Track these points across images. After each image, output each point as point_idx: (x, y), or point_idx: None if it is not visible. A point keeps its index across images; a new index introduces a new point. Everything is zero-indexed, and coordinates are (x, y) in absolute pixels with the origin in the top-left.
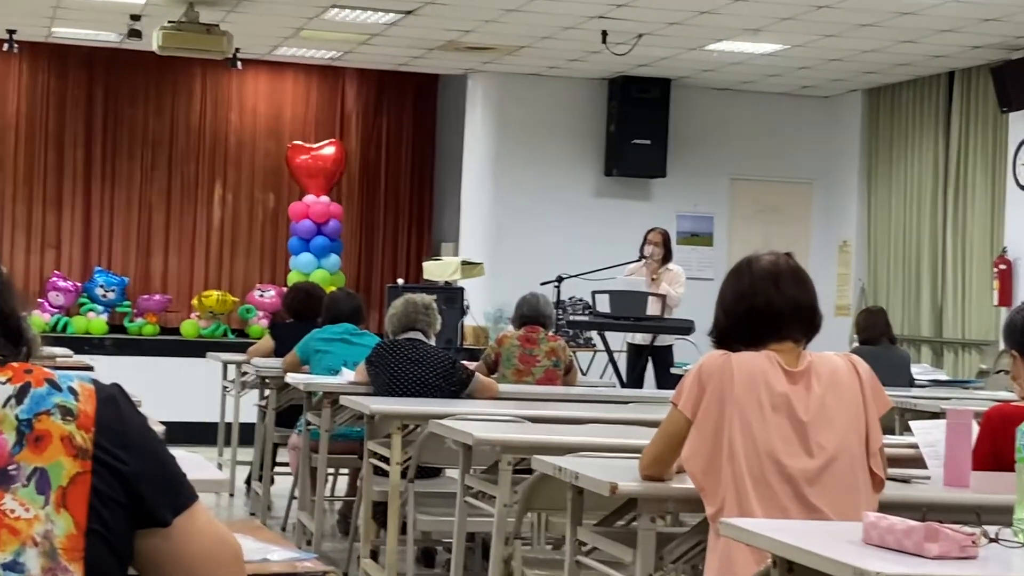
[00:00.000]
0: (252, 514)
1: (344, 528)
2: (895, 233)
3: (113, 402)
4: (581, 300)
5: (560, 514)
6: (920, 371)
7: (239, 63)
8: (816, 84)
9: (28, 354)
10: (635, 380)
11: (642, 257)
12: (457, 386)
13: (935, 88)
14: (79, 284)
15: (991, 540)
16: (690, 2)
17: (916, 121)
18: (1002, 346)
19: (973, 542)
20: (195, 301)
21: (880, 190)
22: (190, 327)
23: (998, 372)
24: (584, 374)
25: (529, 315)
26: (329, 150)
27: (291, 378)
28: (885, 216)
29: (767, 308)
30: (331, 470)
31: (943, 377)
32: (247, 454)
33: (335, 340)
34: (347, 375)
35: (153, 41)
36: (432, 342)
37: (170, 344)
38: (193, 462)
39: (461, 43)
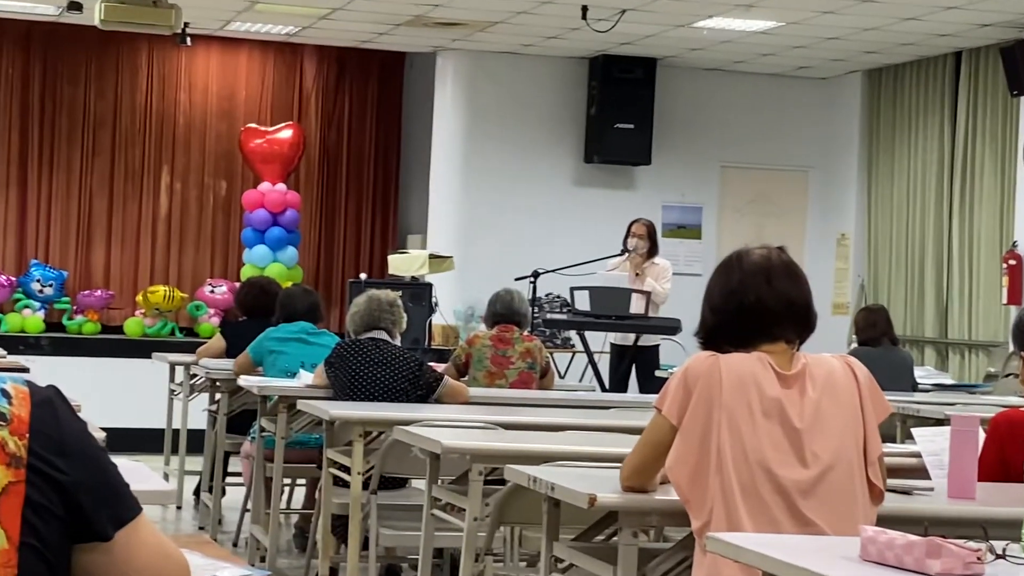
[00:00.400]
0: (201, 528)
1: (301, 543)
2: (897, 226)
3: (49, 406)
4: (559, 297)
5: (535, 528)
6: (923, 374)
7: (188, 39)
8: (813, 65)
9: None
10: (617, 383)
11: (625, 251)
12: (424, 390)
13: (940, 69)
14: (13, 278)
15: (998, 556)
16: None
17: (920, 105)
18: (1011, 348)
19: (978, 558)
20: (140, 297)
21: (881, 179)
22: (134, 325)
23: (1007, 376)
24: (562, 377)
25: (503, 313)
26: (286, 134)
27: (244, 381)
28: (886, 207)
29: (758, 306)
30: (287, 480)
31: (948, 381)
32: (196, 463)
33: (291, 340)
34: (304, 377)
35: (95, 15)
36: (397, 342)
37: (112, 344)
38: (137, 472)
39: (429, 18)
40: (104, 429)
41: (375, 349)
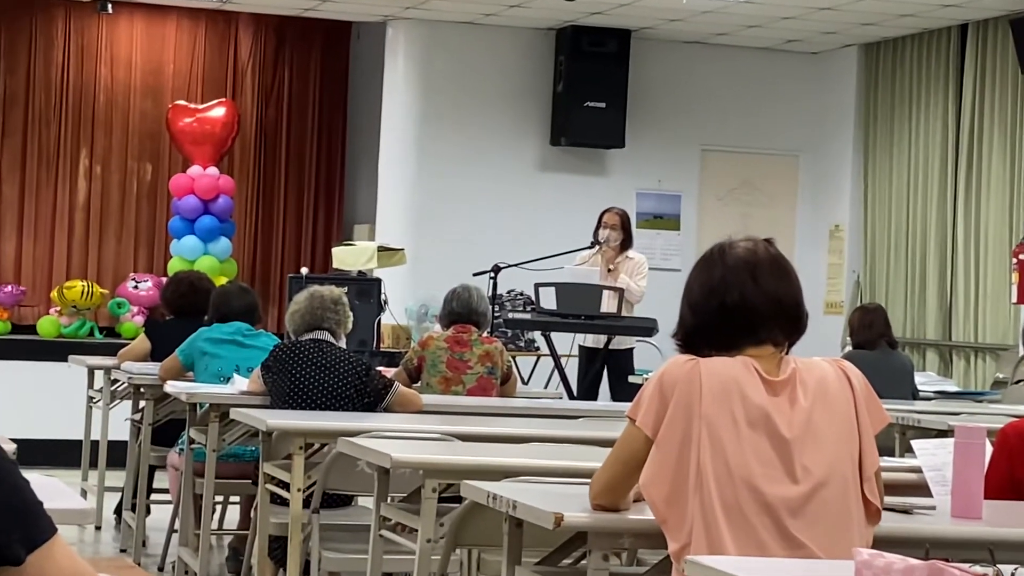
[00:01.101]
0: (123, 550)
1: (235, 567)
2: (896, 216)
3: None
4: (522, 294)
5: (495, 551)
6: (925, 380)
7: (109, 5)
8: (804, 38)
9: None
10: (586, 390)
11: (595, 243)
12: (372, 397)
13: (944, 44)
14: None
15: None
16: None
17: (922, 82)
18: (1021, 351)
19: None
20: (55, 294)
21: (879, 165)
22: (49, 325)
23: (1017, 383)
24: (525, 383)
25: (460, 312)
26: (218, 112)
27: (171, 387)
28: (884, 196)
29: (742, 305)
30: (219, 498)
31: (952, 388)
32: (117, 478)
33: (225, 341)
34: (239, 383)
35: None
36: (342, 344)
37: (24, 345)
38: (51, 488)
39: None
40: (14, 441)
41: (317, 352)
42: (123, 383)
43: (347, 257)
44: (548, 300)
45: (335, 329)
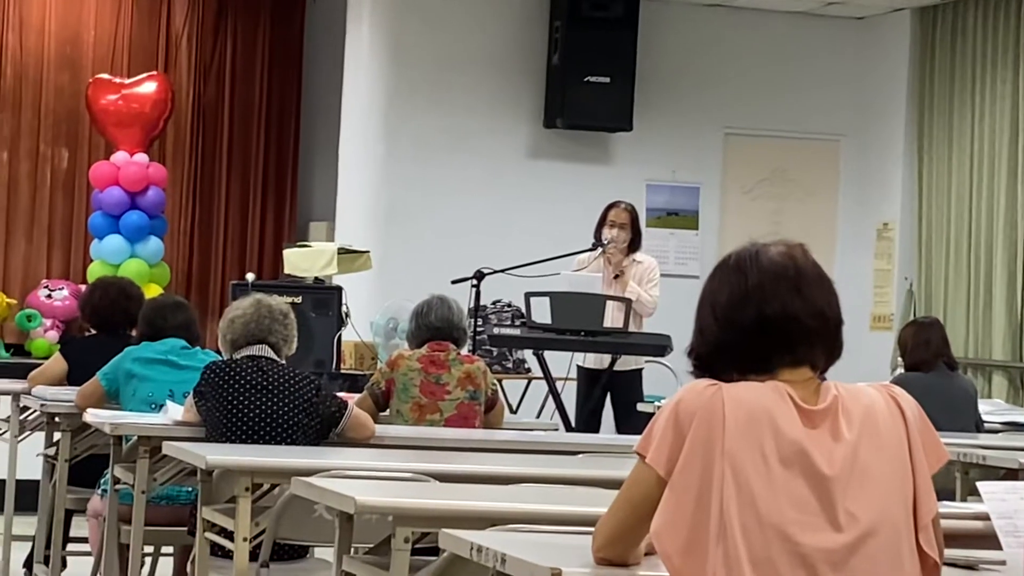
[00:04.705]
0: None
1: None
2: (956, 213)
3: None
4: (510, 306)
5: None
6: (990, 409)
7: None
8: (847, 0)
9: None
10: (587, 420)
11: (598, 244)
12: (324, 422)
13: (1015, 6)
14: None
15: None
16: None
17: (987, 52)
18: None
19: None
20: None
21: (936, 152)
22: None
23: None
24: (514, 412)
25: (437, 327)
26: (148, 88)
27: (92, 416)
28: (943, 188)
29: (783, 317)
30: (149, 548)
31: (1023, 418)
32: (27, 525)
33: (156, 361)
34: (173, 411)
35: None
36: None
37: None
38: None
39: None
40: None
41: (256, 372)
42: (34, 411)
43: (301, 261)
44: (541, 313)
45: (280, 346)
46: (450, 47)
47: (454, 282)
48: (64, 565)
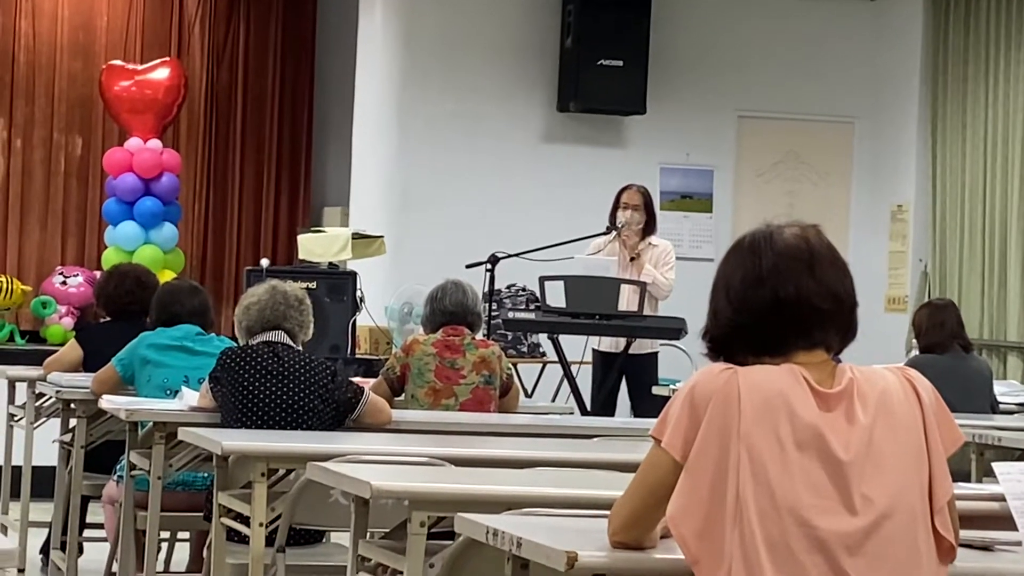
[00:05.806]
0: None
1: None
2: (971, 194)
3: None
4: (524, 290)
5: None
6: (1006, 390)
7: None
8: None
9: None
10: (602, 404)
11: (612, 228)
12: (340, 408)
13: None
14: None
15: None
16: None
17: (1000, 34)
18: None
19: None
20: None
21: (950, 133)
22: None
23: None
24: (529, 396)
25: (451, 311)
26: (161, 74)
27: (107, 402)
28: (957, 170)
29: (798, 301)
30: (165, 534)
31: None
32: (44, 511)
33: (171, 347)
34: (188, 397)
35: None
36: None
37: None
38: None
39: None
40: None
41: (272, 357)
42: (50, 398)
43: (316, 247)
44: (556, 296)
45: (296, 332)
46: (463, 31)
47: (468, 266)
48: (80, 551)
